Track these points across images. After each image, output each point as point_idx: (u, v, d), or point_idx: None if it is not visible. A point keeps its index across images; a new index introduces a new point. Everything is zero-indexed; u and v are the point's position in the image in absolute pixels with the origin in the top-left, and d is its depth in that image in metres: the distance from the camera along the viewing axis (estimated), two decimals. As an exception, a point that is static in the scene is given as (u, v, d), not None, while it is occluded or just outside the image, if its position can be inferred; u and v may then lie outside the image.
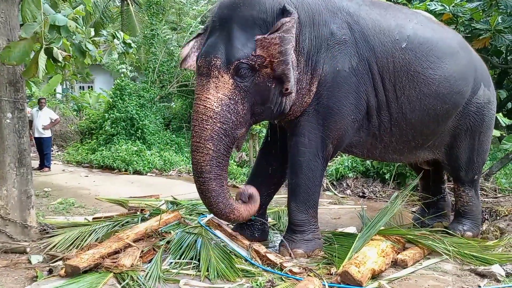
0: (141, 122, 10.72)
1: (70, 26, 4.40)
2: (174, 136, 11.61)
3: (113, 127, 10.62)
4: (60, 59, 4.03)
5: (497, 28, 7.20)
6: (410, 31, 3.97)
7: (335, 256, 3.72)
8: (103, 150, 10.23)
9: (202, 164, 3.43)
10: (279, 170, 4.20)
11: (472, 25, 7.55)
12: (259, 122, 4.01)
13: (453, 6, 7.23)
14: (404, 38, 3.91)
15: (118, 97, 10.86)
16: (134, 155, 9.53)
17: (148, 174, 9.15)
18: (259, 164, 4.33)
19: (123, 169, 9.32)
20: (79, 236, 4.11)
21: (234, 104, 3.44)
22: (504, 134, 6.39)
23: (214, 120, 3.40)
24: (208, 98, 3.41)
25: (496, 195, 5.70)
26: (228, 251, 3.72)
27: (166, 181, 8.42)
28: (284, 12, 3.47)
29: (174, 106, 13.74)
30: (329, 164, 7.64)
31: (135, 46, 7.20)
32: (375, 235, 3.95)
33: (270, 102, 3.57)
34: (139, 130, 10.68)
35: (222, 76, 3.40)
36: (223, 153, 3.49)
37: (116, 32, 6.48)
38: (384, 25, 3.91)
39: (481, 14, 7.39)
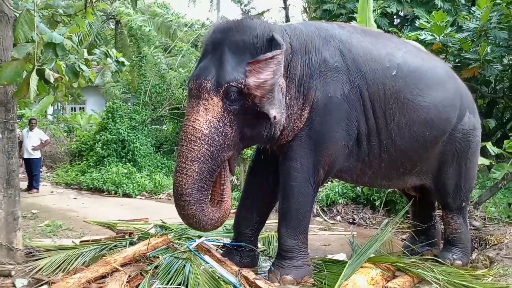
0: (132, 145, 10.69)
1: (66, 44, 4.41)
2: (165, 159, 11.57)
3: (104, 149, 10.57)
4: (52, 80, 4.03)
5: (486, 58, 7.35)
6: (400, 59, 4.03)
7: (325, 284, 3.69)
8: (93, 172, 10.16)
9: (184, 186, 3.42)
10: (269, 193, 4.20)
11: (462, 54, 7.69)
12: (250, 146, 4.02)
13: (443, 36, 7.38)
14: (394, 66, 3.97)
15: (110, 119, 10.85)
16: (124, 178, 9.48)
17: (138, 197, 9.09)
18: (248, 189, 4.31)
19: (113, 192, 9.25)
20: (65, 260, 4.05)
21: (222, 126, 3.46)
22: (493, 163, 6.43)
23: (202, 141, 3.42)
24: (197, 119, 3.44)
25: (485, 224, 5.70)
26: (217, 277, 3.67)
27: (155, 204, 8.36)
28: (272, 41, 3.52)
29: (165, 128, 13.73)
30: (319, 190, 7.64)
31: (128, 64, 7.20)
32: (365, 262, 3.94)
33: (259, 126, 3.60)
34: (130, 152, 10.64)
35: (212, 99, 3.43)
36: (206, 176, 3.47)
37: (109, 50, 6.48)
38: (375, 53, 3.96)
39: (470, 44, 7.52)
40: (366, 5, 7.71)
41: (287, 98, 3.68)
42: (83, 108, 19.51)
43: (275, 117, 3.49)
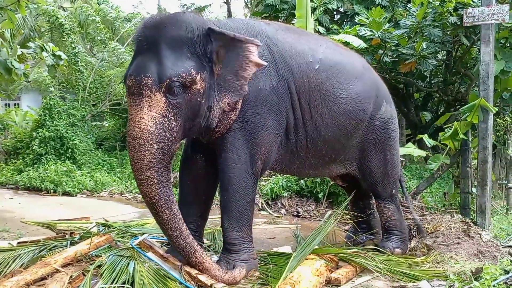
0: (71, 142, 10.34)
1: None
2: (106, 156, 11.27)
3: (42, 147, 10.16)
4: (-16, 76, 3.85)
5: (422, 54, 7.60)
6: (322, 54, 4.26)
7: (271, 276, 3.73)
8: (30, 170, 9.75)
9: (151, 195, 3.50)
10: (206, 185, 4.26)
11: (399, 50, 7.92)
12: (188, 137, 4.05)
13: (381, 32, 7.57)
14: (317, 60, 4.19)
15: (47, 116, 10.44)
16: (64, 176, 9.16)
17: (79, 195, 8.81)
18: (184, 184, 4.32)
19: (52, 190, 8.93)
20: (2, 262, 3.85)
21: (167, 121, 3.49)
22: (430, 155, 6.69)
23: (151, 141, 3.43)
24: (142, 118, 3.43)
25: (423, 213, 5.93)
26: (162, 274, 3.64)
27: (97, 202, 8.14)
28: (211, 33, 3.62)
29: (106, 125, 13.39)
30: (264, 183, 7.71)
31: (66, 58, 6.95)
32: (310, 254, 4.01)
33: (199, 116, 3.67)
34: (69, 150, 10.29)
35: (155, 95, 3.44)
36: (164, 175, 3.54)
37: (45, 44, 6.23)
38: (299, 48, 4.16)
39: (407, 40, 7.77)
40: (304, 1, 7.81)
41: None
42: (18, 104, 18.70)
43: (228, 104, 3.72)
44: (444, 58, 9.29)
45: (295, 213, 6.83)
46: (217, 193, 4.42)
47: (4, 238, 5.28)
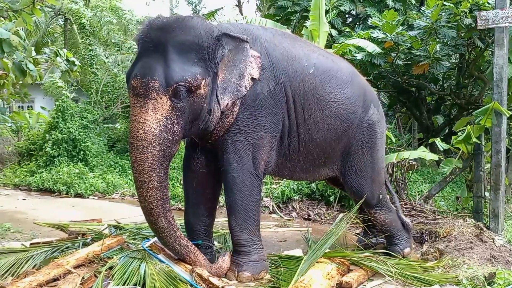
0: (83, 144, 10.41)
1: (13, 40, 4.26)
2: (118, 158, 11.33)
3: (54, 149, 10.23)
4: (-4, 77, 3.89)
5: (435, 56, 7.56)
6: (316, 60, 4.33)
7: (281, 280, 3.73)
8: (43, 172, 9.82)
9: (149, 200, 3.55)
10: (209, 185, 4.29)
11: (412, 52, 7.89)
12: (185, 138, 4.10)
13: (394, 35, 7.54)
14: (311, 65, 4.26)
15: (60, 118, 10.52)
16: (76, 178, 9.22)
17: (90, 197, 8.86)
18: (188, 185, 4.33)
19: (64, 192, 8.98)
20: (15, 263, 3.89)
21: (170, 124, 3.55)
22: (442, 158, 6.65)
23: (154, 143, 3.49)
24: (147, 119, 3.48)
25: (435, 217, 5.89)
26: (174, 276, 3.64)
27: (109, 204, 8.17)
28: (224, 37, 3.73)
29: (118, 127, 13.45)
30: (274, 186, 7.71)
31: (79, 64, 7.02)
32: (321, 257, 4.00)
33: (199, 119, 3.73)
34: (82, 152, 10.36)
35: (161, 98, 3.49)
36: (163, 178, 3.60)
37: (59, 50, 6.30)
38: (294, 53, 4.23)
39: (420, 43, 7.74)
40: (318, 3, 7.81)
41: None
42: (31, 106, 18.85)
43: (227, 104, 3.80)
44: (457, 61, 9.23)
45: (306, 217, 6.81)
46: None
47: (17, 239, 5.33)
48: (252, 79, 3.87)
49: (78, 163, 10.10)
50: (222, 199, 5.11)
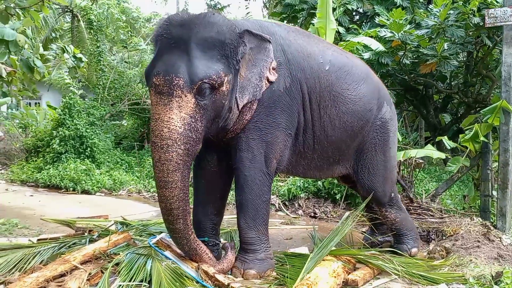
0: (90, 141, 10.45)
1: (19, 40, 4.27)
2: (124, 155, 11.37)
3: (61, 145, 10.28)
4: (4, 74, 3.90)
5: (443, 55, 7.53)
6: (331, 56, 4.30)
7: (287, 277, 3.72)
8: (50, 168, 9.87)
9: (172, 200, 3.49)
10: (220, 183, 4.27)
11: (420, 50, 7.85)
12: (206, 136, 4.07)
13: (402, 33, 7.51)
14: (326, 61, 4.22)
15: (67, 115, 10.56)
16: (83, 174, 9.25)
17: (97, 193, 8.88)
18: (199, 183, 4.31)
19: (71, 189, 9.01)
20: (22, 259, 3.91)
21: (194, 122, 3.50)
22: (449, 157, 6.62)
23: (179, 142, 3.44)
24: (172, 118, 3.42)
25: (442, 215, 5.86)
26: (180, 273, 3.65)
27: (115, 201, 8.20)
28: (246, 35, 3.72)
29: (125, 124, 13.48)
30: (281, 184, 7.70)
31: (86, 60, 7.02)
32: (327, 255, 3.99)
33: (219, 117, 3.70)
34: (88, 149, 10.40)
35: (186, 96, 3.44)
36: (187, 177, 3.56)
37: (66, 46, 6.30)
38: (310, 50, 4.19)
39: (427, 41, 7.70)
40: (326, 1, 7.78)
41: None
42: (39, 103, 18.95)
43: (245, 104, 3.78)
44: (464, 59, 9.18)
45: (312, 214, 6.80)
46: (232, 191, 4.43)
47: (24, 235, 5.35)
48: (269, 81, 3.86)
49: (85, 159, 10.14)
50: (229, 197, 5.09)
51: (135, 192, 8.93)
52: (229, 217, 5.70)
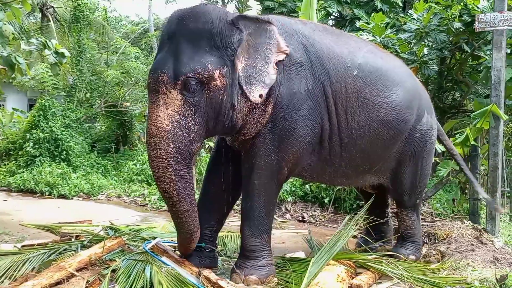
0: (66, 144, 10.16)
1: (5, 30, 4.06)
2: (100, 158, 11.09)
3: (36, 148, 9.95)
4: (-5, 72, 3.71)
5: (423, 60, 7.60)
6: (361, 59, 4.05)
7: (291, 282, 3.63)
8: (23, 172, 9.55)
9: (168, 191, 3.43)
10: (229, 194, 4.11)
11: (401, 55, 7.90)
12: (211, 137, 3.95)
13: (383, 37, 7.55)
14: (355, 65, 3.98)
15: (42, 117, 10.23)
16: (59, 178, 8.97)
17: (75, 198, 8.64)
18: (208, 189, 4.18)
19: (47, 193, 8.74)
20: (11, 266, 3.72)
21: (184, 120, 3.37)
22: (439, 161, 6.67)
23: (167, 140, 3.33)
24: (159, 115, 3.34)
25: (433, 219, 5.89)
26: (181, 280, 3.52)
27: (95, 205, 7.98)
28: (241, 20, 3.52)
29: (99, 127, 13.16)
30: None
31: (69, 55, 6.74)
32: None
33: (221, 115, 3.52)
34: (64, 152, 10.11)
35: (170, 92, 3.33)
36: (183, 172, 3.44)
37: (47, 41, 5.99)
38: (337, 51, 3.96)
39: (407, 46, 7.76)
40: (309, 4, 7.77)
41: None
42: (3, 105, 18.32)
43: (261, 95, 3.52)
44: (438, 65, 9.30)
45: (300, 219, 6.74)
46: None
47: (5, 241, 5.10)
48: (277, 63, 3.58)
49: (61, 163, 9.86)
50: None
51: (115, 197, 8.73)
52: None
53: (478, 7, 6.82)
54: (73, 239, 4.60)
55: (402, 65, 4.66)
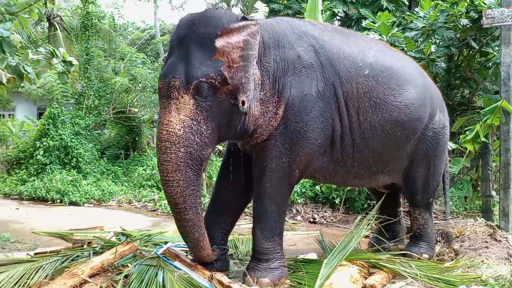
0: (76, 151, 10.22)
1: (13, 40, 4.08)
2: (110, 165, 11.15)
3: (46, 156, 10.01)
4: (5, 81, 3.73)
5: (430, 57, 7.55)
6: (372, 58, 4.01)
7: (304, 284, 3.62)
8: (34, 180, 9.60)
9: (175, 196, 3.38)
10: (241, 196, 4.10)
11: (408, 53, 7.87)
12: (222, 142, 3.94)
13: (390, 36, 7.52)
14: (366, 65, 3.95)
15: (51, 125, 10.30)
16: (70, 185, 9.02)
17: (86, 205, 8.67)
18: (219, 192, 4.16)
19: (58, 200, 8.77)
20: (24, 274, 3.71)
21: (197, 125, 3.35)
22: (450, 159, 6.62)
23: (178, 145, 3.31)
24: (170, 121, 3.32)
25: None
26: (194, 284, 3.52)
27: (106, 212, 8.00)
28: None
29: (108, 134, 13.23)
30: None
31: (77, 63, 6.76)
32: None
33: (234, 120, 3.50)
34: (74, 159, 10.17)
35: (182, 97, 3.31)
36: (192, 178, 3.40)
37: (56, 50, 6.00)
38: (347, 51, 3.93)
39: (414, 44, 7.72)
40: (315, 5, 7.77)
41: (262, 93, 3.59)
42: (13, 114, 18.47)
43: (243, 102, 3.41)
44: (446, 62, 9.25)
45: (311, 220, 6.72)
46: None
47: (18, 249, 5.13)
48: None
49: (71, 170, 9.91)
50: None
51: (126, 202, 8.74)
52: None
53: (485, 3, 6.77)
54: (85, 246, 4.61)
55: (413, 62, 4.62)
